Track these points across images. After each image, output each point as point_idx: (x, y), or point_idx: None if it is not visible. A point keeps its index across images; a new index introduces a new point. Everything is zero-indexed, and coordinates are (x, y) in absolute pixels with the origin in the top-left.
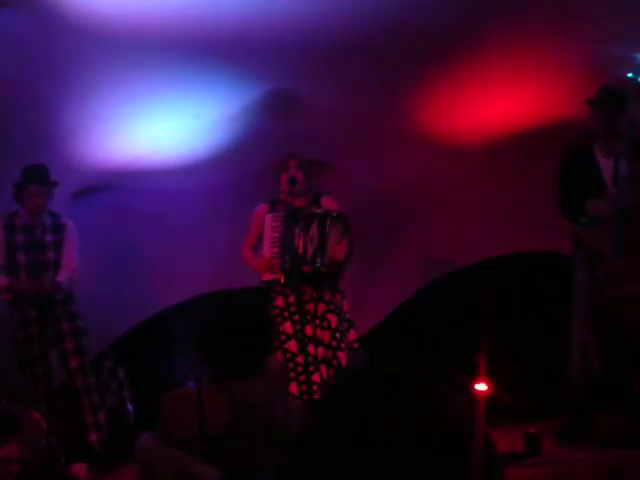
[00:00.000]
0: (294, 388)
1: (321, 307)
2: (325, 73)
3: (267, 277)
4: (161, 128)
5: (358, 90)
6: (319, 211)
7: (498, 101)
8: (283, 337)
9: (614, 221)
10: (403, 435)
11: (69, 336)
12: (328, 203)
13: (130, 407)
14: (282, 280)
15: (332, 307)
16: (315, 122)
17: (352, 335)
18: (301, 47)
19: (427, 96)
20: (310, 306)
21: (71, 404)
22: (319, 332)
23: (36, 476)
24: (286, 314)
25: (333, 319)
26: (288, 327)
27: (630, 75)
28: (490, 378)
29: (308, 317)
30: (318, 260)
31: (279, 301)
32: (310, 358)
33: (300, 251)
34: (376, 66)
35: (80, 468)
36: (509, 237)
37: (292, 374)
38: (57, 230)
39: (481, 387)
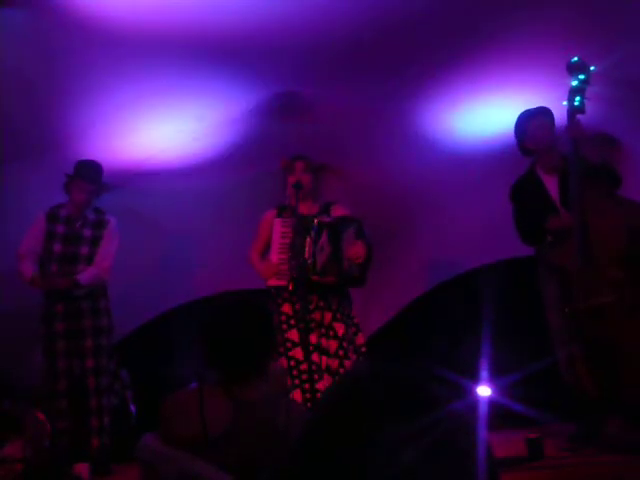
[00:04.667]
0: (298, 395)
1: (328, 316)
2: (328, 75)
3: (273, 282)
4: (165, 130)
5: (361, 92)
6: (329, 220)
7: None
8: (289, 344)
9: (576, 231)
10: (404, 439)
11: (89, 334)
12: (339, 211)
13: (132, 408)
14: (290, 287)
15: (339, 316)
16: (319, 124)
17: (360, 339)
18: (304, 49)
19: (429, 97)
20: (317, 315)
21: (78, 404)
22: (324, 341)
23: (38, 475)
24: (292, 321)
25: (340, 328)
26: (294, 335)
27: (565, 103)
28: (493, 382)
29: (313, 325)
30: (333, 269)
31: (286, 308)
32: (314, 366)
33: (310, 260)
34: (379, 67)
35: (82, 468)
36: (514, 240)
37: (297, 381)
38: (98, 226)
39: (484, 391)
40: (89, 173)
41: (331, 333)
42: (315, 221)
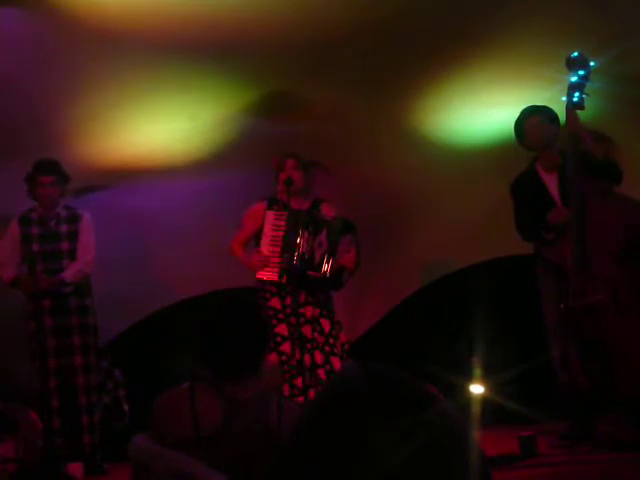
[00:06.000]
0: (286, 390)
1: (316, 311)
2: (323, 74)
3: (262, 275)
4: (156, 129)
5: (356, 91)
6: (329, 218)
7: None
8: (278, 339)
9: (572, 228)
10: (394, 438)
11: (76, 331)
12: (328, 211)
13: (125, 407)
14: (284, 280)
15: (325, 312)
16: (312, 123)
17: (342, 337)
18: (299, 48)
19: (424, 94)
20: (308, 310)
21: (69, 402)
22: (316, 335)
23: (32, 475)
24: (281, 316)
25: (326, 324)
26: (283, 329)
27: (564, 98)
28: (485, 380)
29: (302, 320)
30: (325, 266)
31: (274, 302)
32: (308, 363)
33: (307, 254)
34: (375, 67)
35: (76, 467)
36: (508, 239)
37: (286, 376)
38: (72, 221)
39: (476, 389)
40: (44, 167)
41: (317, 328)
42: (317, 215)
